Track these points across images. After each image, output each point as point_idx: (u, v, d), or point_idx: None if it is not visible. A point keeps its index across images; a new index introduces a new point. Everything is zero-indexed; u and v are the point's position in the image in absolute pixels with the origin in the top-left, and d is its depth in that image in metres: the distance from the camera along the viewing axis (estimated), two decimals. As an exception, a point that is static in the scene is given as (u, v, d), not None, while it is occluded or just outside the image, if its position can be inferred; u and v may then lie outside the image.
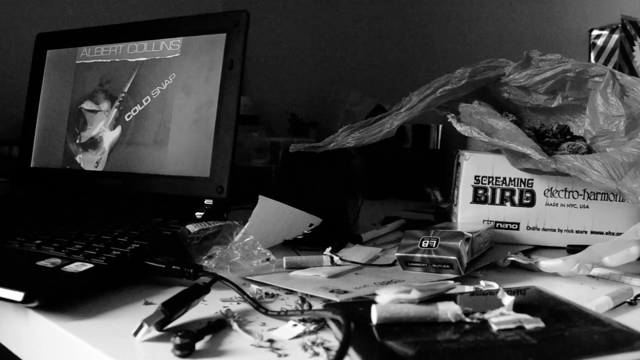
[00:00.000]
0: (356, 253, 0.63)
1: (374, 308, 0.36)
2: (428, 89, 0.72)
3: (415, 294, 0.36)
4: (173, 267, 0.52)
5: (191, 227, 0.58)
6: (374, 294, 0.38)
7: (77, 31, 0.84)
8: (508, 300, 0.39)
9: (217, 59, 0.70)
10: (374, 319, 0.36)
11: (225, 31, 0.70)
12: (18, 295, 0.45)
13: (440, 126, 1.13)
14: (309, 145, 0.67)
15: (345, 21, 1.34)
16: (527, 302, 0.43)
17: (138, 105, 0.75)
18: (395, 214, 0.92)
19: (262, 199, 0.60)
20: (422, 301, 0.37)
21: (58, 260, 0.52)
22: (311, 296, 0.47)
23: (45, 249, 0.56)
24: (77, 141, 0.80)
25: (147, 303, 0.48)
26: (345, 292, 0.45)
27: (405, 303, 0.36)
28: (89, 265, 0.50)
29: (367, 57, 1.30)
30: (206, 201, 0.67)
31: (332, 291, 0.45)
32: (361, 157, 0.79)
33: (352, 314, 0.36)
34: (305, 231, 0.66)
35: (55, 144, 0.82)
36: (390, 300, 0.36)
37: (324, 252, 0.60)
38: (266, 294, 0.50)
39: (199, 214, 0.65)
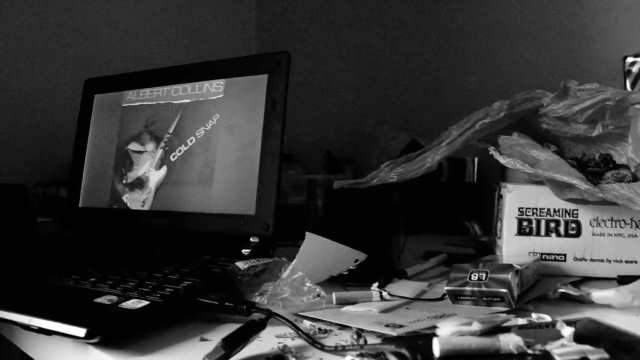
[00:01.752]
0: (403, 288, 0.63)
1: (436, 341, 0.36)
2: (467, 123, 0.73)
3: (476, 326, 0.36)
4: (226, 303, 0.53)
5: (240, 265, 0.59)
6: (434, 327, 0.38)
7: (122, 76, 0.88)
8: (568, 331, 0.39)
9: (260, 99, 0.72)
10: (437, 352, 0.36)
11: (267, 72, 0.72)
12: (80, 332, 0.46)
13: (476, 159, 1.13)
14: (353, 182, 0.68)
15: (378, 57, 1.36)
16: (586, 334, 0.43)
17: (183, 146, 0.77)
18: (435, 248, 0.92)
19: (309, 236, 0.61)
20: (483, 333, 0.37)
21: (114, 298, 0.54)
22: (365, 331, 0.47)
23: (100, 287, 0.57)
24: (124, 181, 0.82)
25: (202, 339, 0.49)
26: (401, 326, 0.46)
27: (467, 335, 0.37)
28: (145, 302, 0.52)
29: (400, 92, 1.32)
30: (252, 239, 0.68)
31: (387, 325, 0.46)
32: (398, 191, 0.80)
33: (414, 348, 0.37)
34: (351, 267, 0.66)
35: (102, 184, 0.85)
36: (451, 332, 0.36)
37: (372, 288, 0.60)
38: (319, 329, 0.51)
39: (245, 251, 0.66)
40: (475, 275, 0.56)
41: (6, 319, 0.52)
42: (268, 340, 0.48)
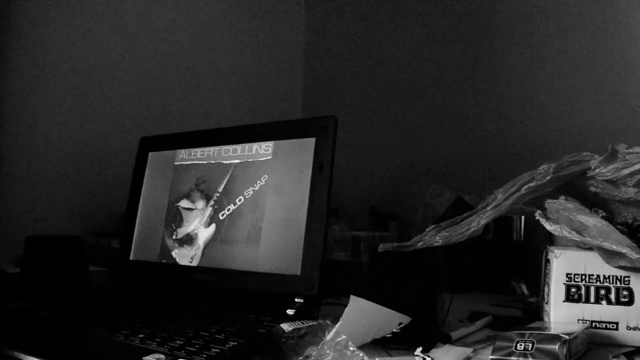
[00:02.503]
0: (447, 354, 0.63)
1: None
2: (513, 187, 0.73)
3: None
4: (270, 366, 0.54)
5: (285, 327, 0.60)
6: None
7: (175, 135, 0.92)
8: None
9: (307, 162, 0.74)
10: None
11: (315, 135, 0.75)
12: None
13: (523, 217, 1.12)
14: (397, 245, 0.69)
15: (423, 115, 1.38)
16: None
17: (232, 205, 0.80)
18: (480, 308, 0.91)
19: (353, 299, 0.62)
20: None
21: (162, 357, 0.55)
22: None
23: (149, 344, 0.59)
24: (174, 237, 0.85)
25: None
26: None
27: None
28: (193, 364, 0.53)
29: (446, 149, 1.32)
30: (297, 299, 0.69)
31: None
32: (444, 250, 0.80)
33: None
34: (394, 330, 0.66)
35: (153, 238, 0.88)
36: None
37: (415, 353, 0.60)
38: (362, 396, 0.51)
39: (290, 311, 0.67)
40: (521, 345, 0.55)
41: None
42: (311, 406, 0.49)
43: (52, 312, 0.76)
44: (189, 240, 0.83)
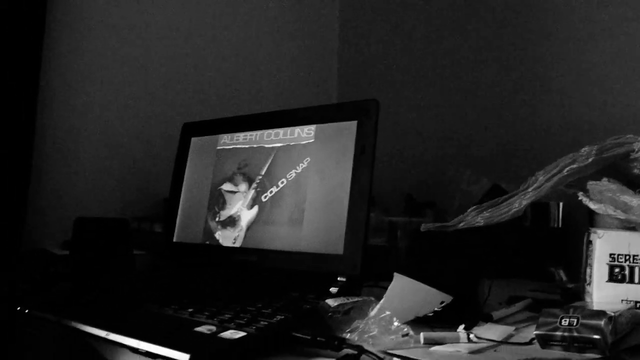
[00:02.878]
0: (490, 331, 0.63)
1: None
2: (554, 168, 0.73)
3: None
4: (318, 338, 0.55)
5: (331, 302, 0.61)
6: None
7: (217, 121, 0.94)
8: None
9: (349, 145, 0.76)
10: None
11: (357, 119, 0.76)
12: (184, 357, 0.50)
13: (561, 204, 1.12)
14: (440, 225, 0.70)
15: (459, 102, 1.38)
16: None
17: (274, 187, 0.82)
18: (519, 293, 0.91)
19: (397, 277, 0.63)
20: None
21: (213, 328, 0.57)
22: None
23: (198, 317, 0.61)
24: (217, 219, 0.87)
25: (296, 371, 0.51)
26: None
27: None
28: (243, 334, 0.55)
29: (482, 136, 1.32)
30: (339, 278, 0.70)
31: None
32: (483, 236, 0.81)
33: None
34: (436, 308, 0.67)
35: (196, 221, 0.90)
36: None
37: (459, 330, 0.61)
38: (408, 367, 0.52)
39: (333, 290, 0.69)
40: (565, 321, 0.55)
41: (116, 341, 0.57)
42: (359, 375, 0.50)
43: (101, 290, 0.79)
44: (231, 222, 0.85)
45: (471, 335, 0.60)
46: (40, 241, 1.17)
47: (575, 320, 0.55)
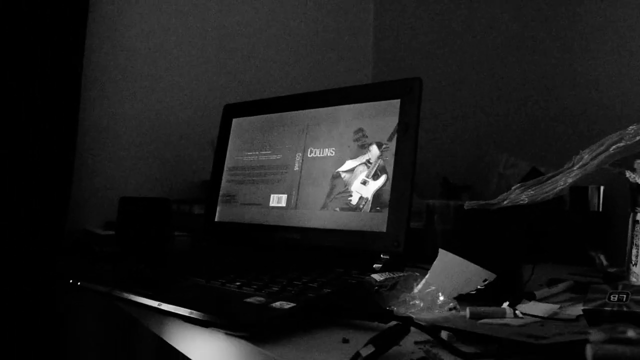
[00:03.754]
0: (535, 308, 0.63)
1: (589, 347, 0.37)
2: (600, 147, 0.72)
3: (632, 334, 0.37)
4: (365, 311, 0.56)
5: (377, 277, 0.62)
6: (586, 332, 0.39)
7: (259, 102, 0.96)
8: None
9: (392, 123, 0.76)
10: (590, 358, 0.37)
11: (399, 97, 0.77)
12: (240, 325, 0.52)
13: (602, 188, 1.10)
14: (484, 203, 0.70)
15: (497, 83, 1.37)
16: None
17: (316, 166, 0.83)
18: (559, 277, 0.91)
19: (442, 252, 0.64)
20: (638, 342, 0.38)
21: (262, 299, 0.58)
22: (505, 343, 0.49)
23: (246, 290, 0.63)
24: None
25: (345, 340, 0.52)
26: (544, 337, 0.47)
27: (619, 345, 0.38)
28: (292, 304, 0.56)
29: (521, 119, 1.31)
30: (382, 255, 0.71)
31: (529, 336, 0.47)
32: (523, 219, 0.80)
33: (562, 357, 0.38)
34: (479, 286, 0.67)
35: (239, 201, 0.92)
36: (604, 339, 0.37)
37: (503, 306, 0.62)
38: (457, 340, 0.52)
39: (377, 267, 0.70)
40: (614, 297, 0.55)
41: (168, 310, 0.59)
42: (407, 347, 0.51)
43: (147, 265, 0.81)
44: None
45: (517, 312, 0.60)
46: (83, 223, 1.21)
47: (625, 296, 0.55)
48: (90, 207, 1.23)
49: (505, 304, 0.63)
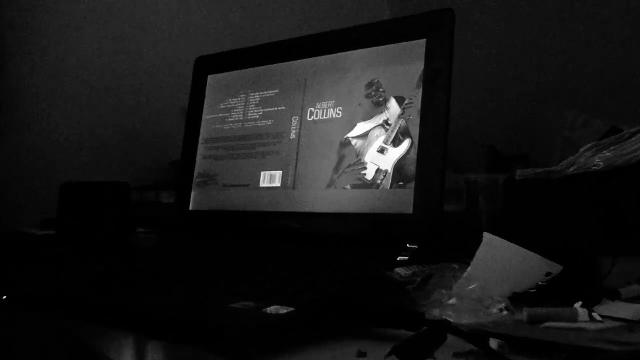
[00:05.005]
0: (621, 309, 0.62)
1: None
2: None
3: None
4: (386, 315, 0.55)
5: (402, 271, 0.61)
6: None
7: (243, 52, 0.94)
8: None
9: (417, 71, 0.75)
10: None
11: (425, 36, 0.75)
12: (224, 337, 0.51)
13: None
14: (542, 171, 0.68)
15: (559, 22, 1.34)
16: None
17: (319, 132, 0.82)
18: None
19: (488, 237, 0.62)
20: None
21: (252, 304, 0.57)
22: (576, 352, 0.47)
23: (232, 292, 0.62)
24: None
25: (361, 354, 0.51)
26: (629, 344, 0.45)
27: None
28: (290, 309, 0.55)
29: (592, 66, 1.29)
30: (409, 244, 0.70)
31: (611, 342, 0.46)
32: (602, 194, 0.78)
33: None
34: (540, 282, 0.66)
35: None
36: None
37: (576, 306, 0.60)
38: (510, 349, 0.51)
39: (402, 259, 0.68)
40: None
41: (129, 324, 0.58)
42: (444, 360, 0.50)
43: (102, 269, 0.80)
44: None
45: (594, 314, 0.59)
46: (14, 223, 1.19)
47: None
48: (21, 202, 1.22)
49: (578, 305, 0.61)
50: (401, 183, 0.73)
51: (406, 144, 0.74)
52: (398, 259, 0.68)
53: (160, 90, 1.31)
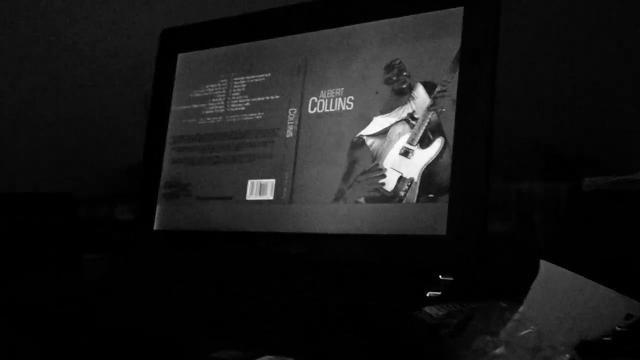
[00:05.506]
0: None
1: None
2: None
3: None
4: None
5: (433, 310, 0.61)
6: None
7: (224, 22, 0.95)
8: None
9: (451, 48, 0.75)
10: None
11: (462, 3, 0.76)
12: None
13: None
14: (617, 180, 0.68)
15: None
16: None
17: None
18: None
19: (545, 266, 0.62)
20: None
21: (239, 353, 0.58)
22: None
23: (211, 337, 0.62)
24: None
25: None
26: None
27: None
28: (287, 362, 0.55)
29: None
30: (442, 276, 0.70)
31: None
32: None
33: None
34: (618, 327, 0.66)
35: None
36: None
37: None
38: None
39: (433, 294, 0.69)
40: None
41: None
42: None
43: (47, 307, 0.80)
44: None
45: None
46: None
47: None
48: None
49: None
50: (431, 195, 0.74)
51: (437, 145, 0.74)
52: (428, 295, 0.69)
53: (113, 74, 1.32)
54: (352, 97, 0.81)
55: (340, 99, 0.82)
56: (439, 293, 0.69)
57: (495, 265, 1.01)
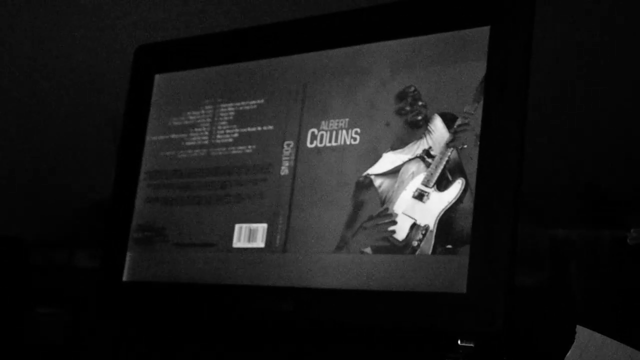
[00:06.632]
0: None
1: None
2: None
3: None
4: None
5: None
6: None
7: (205, 39, 0.97)
8: None
9: (474, 75, 0.76)
10: None
11: (489, 22, 0.77)
12: None
13: None
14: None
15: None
16: None
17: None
18: None
19: (583, 333, 0.63)
20: None
21: None
22: None
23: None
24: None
25: None
26: None
27: None
28: None
29: None
30: (461, 341, 0.71)
31: None
32: None
33: None
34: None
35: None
36: None
37: None
38: None
39: (452, 364, 0.70)
40: None
41: None
42: None
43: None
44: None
45: None
46: None
47: None
48: None
49: None
50: (449, 246, 0.74)
51: (457, 187, 0.75)
52: (446, 364, 0.70)
53: (78, 96, 1.33)
54: (359, 130, 0.82)
55: (344, 131, 0.83)
56: (458, 361, 0.70)
57: (523, 328, 1.02)
